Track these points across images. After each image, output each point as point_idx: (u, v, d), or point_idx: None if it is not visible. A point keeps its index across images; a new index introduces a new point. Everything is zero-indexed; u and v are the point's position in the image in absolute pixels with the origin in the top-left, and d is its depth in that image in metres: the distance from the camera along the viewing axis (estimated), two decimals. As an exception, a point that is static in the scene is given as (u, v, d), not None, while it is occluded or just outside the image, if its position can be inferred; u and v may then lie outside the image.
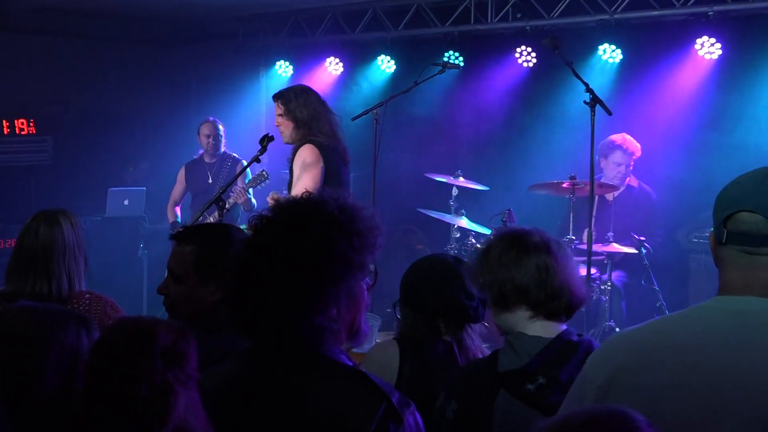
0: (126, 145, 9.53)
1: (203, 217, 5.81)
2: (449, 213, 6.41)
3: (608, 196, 6.20)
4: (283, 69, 8.75)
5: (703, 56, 6.41)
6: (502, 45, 7.37)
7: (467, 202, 6.50)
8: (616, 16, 6.68)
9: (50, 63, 9.19)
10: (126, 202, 8.20)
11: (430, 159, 7.44)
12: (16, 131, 8.79)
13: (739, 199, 1.78)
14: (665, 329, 1.86)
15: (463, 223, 6.29)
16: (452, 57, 7.33)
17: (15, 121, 8.75)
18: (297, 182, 4.91)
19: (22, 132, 8.83)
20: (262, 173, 6.38)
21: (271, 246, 1.83)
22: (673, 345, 1.80)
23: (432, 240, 7.48)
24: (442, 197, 6.63)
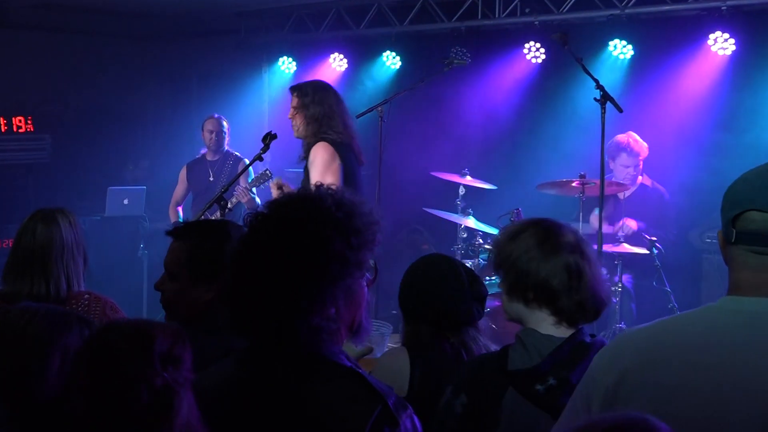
0: (126, 144, 9.54)
1: (204, 217, 5.82)
2: (456, 212, 6.41)
3: (620, 195, 6.19)
4: (286, 65, 8.76)
5: (716, 52, 6.40)
6: (510, 40, 7.36)
7: (474, 202, 6.50)
8: (627, 11, 6.67)
9: (49, 59, 9.20)
10: (126, 202, 8.21)
11: (437, 157, 7.43)
12: (14, 129, 8.80)
13: (748, 198, 1.78)
14: (674, 329, 1.87)
15: (470, 223, 6.28)
16: (459, 53, 7.33)
17: (13, 119, 8.76)
18: (312, 181, 4.87)
19: (20, 130, 8.84)
20: (266, 172, 6.39)
21: (267, 244, 1.83)
22: (682, 345, 1.80)
23: (438, 240, 7.48)
24: (449, 196, 6.63)
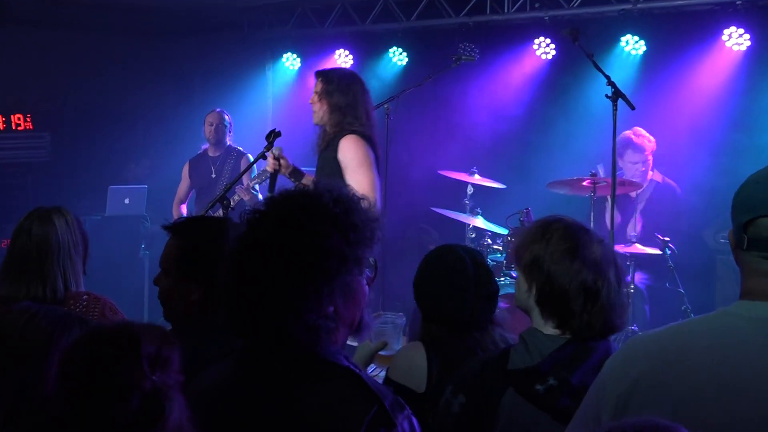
0: (127, 142, 9.54)
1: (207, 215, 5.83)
2: (464, 212, 6.42)
3: (631, 193, 6.19)
4: (291, 62, 8.77)
5: (731, 47, 6.40)
6: (520, 36, 7.36)
7: (483, 201, 6.50)
8: (640, 6, 6.65)
9: (48, 55, 9.20)
10: (127, 201, 8.21)
11: (444, 155, 7.44)
12: (13, 127, 8.82)
13: (760, 202, 1.77)
14: (687, 335, 1.86)
15: (479, 223, 6.29)
16: (467, 49, 7.33)
17: (11, 117, 8.78)
18: (350, 178, 4.80)
19: (19, 128, 8.85)
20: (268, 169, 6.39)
21: (263, 241, 1.84)
22: (696, 351, 1.80)
23: (446, 240, 7.42)
24: (457, 195, 6.64)
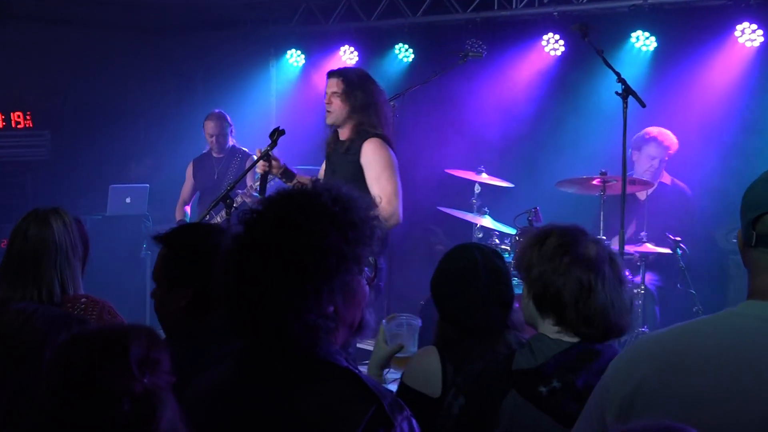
0: (128, 140, 9.55)
1: (210, 216, 5.83)
2: (471, 211, 6.41)
3: (640, 195, 6.17)
4: (295, 58, 8.77)
5: (744, 43, 6.38)
6: (528, 32, 7.35)
7: (490, 200, 6.49)
8: (651, 1, 6.63)
9: (48, 52, 9.21)
10: (128, 200, 8.21)
11: (451, 154, 7.43)
12: (12, 125, 8.84)
13: None
14: (693, 336, 1.86)
15: (486, 223, 6.28)
16: (474, 45, 7.32)
17: (11, 114, 8.80)
18: (374, 182, 4.81)
19: (19, 126, 8.88)
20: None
21: (261, 241, 1.85)
22: (701, 353, 1.79)
23: (453, 240, 7.44)
24: (464, 195, 6.63)
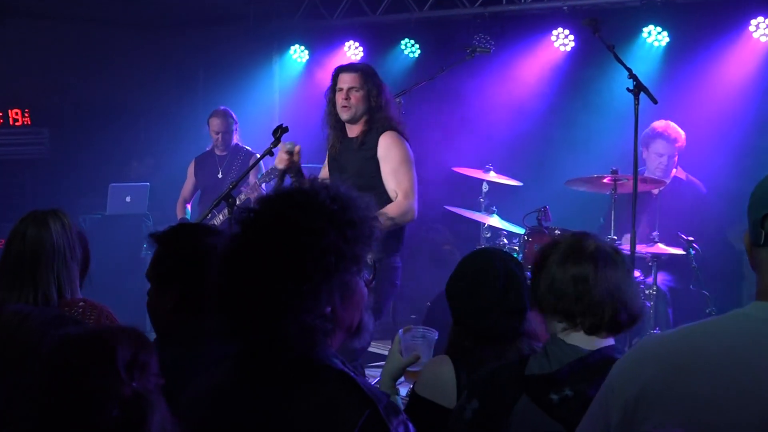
0: (128, 138, 9.57)
1: (212, 215, 5.82)
2: (479, 210, 6.40)
3: (653, 190, 6.15)
4: (298, 54, 8.77)
5: (758, 38, 6.38)
6: (537, 27, 7.35)
7: (499, 199, 6.48)
8: (663, -5, 6.64)
9: (47, 48, 9.23)
10: (128, 199, 8.22)
11: (458, 151, 7.42)
12: (10, 122, 8.86)
13: None
14: (699, 337, 1.85)
15: (495, 222, 6.26)
16: (482, 40, 7.31)
17: (9, 112, 8.82)
18: (390, 176, 4.87)
19: (17, 123, 8.90)
20: (276, 167, 6.37)
21: (257, 239, 1.85)
22: (708, 354, 1.78)
23: (460, 240, 7.44)
24: (472, 193, 6.62)
